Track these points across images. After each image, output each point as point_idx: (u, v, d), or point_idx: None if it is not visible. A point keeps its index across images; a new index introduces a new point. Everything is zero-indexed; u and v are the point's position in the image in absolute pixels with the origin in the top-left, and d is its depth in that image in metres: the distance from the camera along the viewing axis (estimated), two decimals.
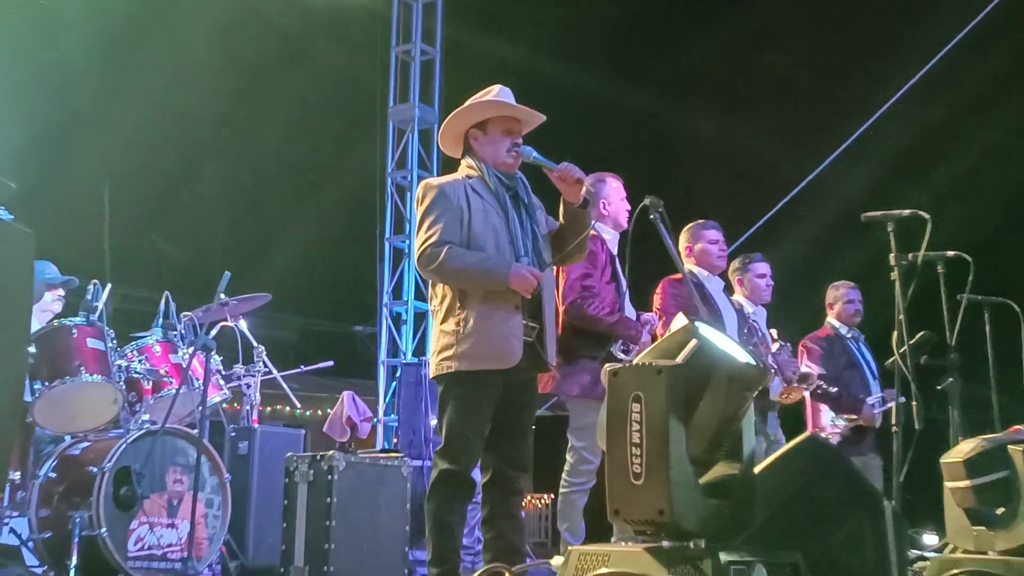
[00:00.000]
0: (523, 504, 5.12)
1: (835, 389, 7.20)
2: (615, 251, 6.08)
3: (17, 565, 4.23)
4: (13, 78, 11.13)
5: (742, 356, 3.33)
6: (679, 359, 3.15)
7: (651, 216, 4.95)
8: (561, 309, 5.79)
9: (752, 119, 12.39)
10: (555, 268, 5.79)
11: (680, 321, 3.36)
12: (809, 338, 7.63)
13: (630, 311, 6.02)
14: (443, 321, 4.71)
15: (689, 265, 6.67)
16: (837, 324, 7.68)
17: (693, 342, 3.20)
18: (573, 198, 4.76)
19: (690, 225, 6.79)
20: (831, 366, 7.48)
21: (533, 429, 4.98)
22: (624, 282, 5.99)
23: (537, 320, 4.73)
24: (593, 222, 5.90)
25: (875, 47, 11.45)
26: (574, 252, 4.96)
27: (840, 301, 7.69)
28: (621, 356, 5.79)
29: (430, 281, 4.85)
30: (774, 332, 6.99)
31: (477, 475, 4.87)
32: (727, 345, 3.33)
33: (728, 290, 6.90)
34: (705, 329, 3.32)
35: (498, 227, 4.71)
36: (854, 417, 7.30)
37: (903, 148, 10.43)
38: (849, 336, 7.66)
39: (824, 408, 7.49)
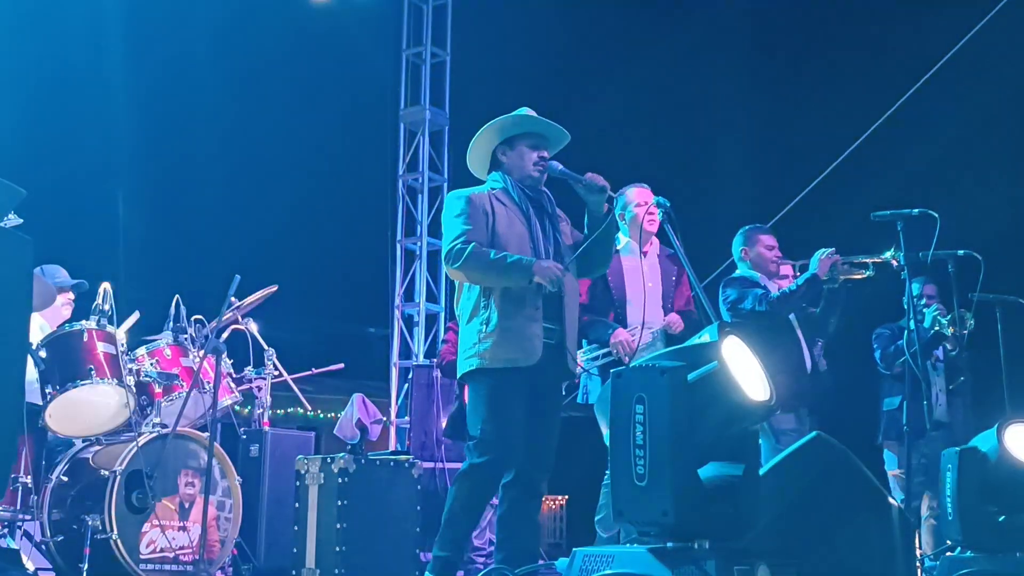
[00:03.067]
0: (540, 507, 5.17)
1: None
2: (640, 255, 6.05)
3: (16, 568, 4.24)
4: (23, 82, 11.18)
5: (756, 391, 3.31)
6: (690, 375, 3.15)
7: (659, 217, 4.98)
8: None
9: (767, 115, 12.36)
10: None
11: (712, 333, 3.34)
12: None
13: (658, 315, 5.96)
14: (468, 321, 4.84)
15: (744, 269, 6.68)
16: None
17: (713, 363, 3.20)
18: (598, 207, 4.88)
19: (745, 228, 6.79)
20: None
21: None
22: (633, 288, 5.96)
23: (558, 323, 4.80)
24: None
25: (888, 42, 11.42)
26: (598, 263, 5.09)
27: None
28: (587, 358, 5.83)
29: (456, 284, 4.93)
30: None
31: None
32: (747, 372, 3.31)
33: None
34: (731, 349, 3.30)
35: (520, 233, 4.86)
36: None
37: (913, 145, 10.41)
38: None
39: None
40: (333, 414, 14.49)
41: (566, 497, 17.82)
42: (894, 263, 6.28)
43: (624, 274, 5.99)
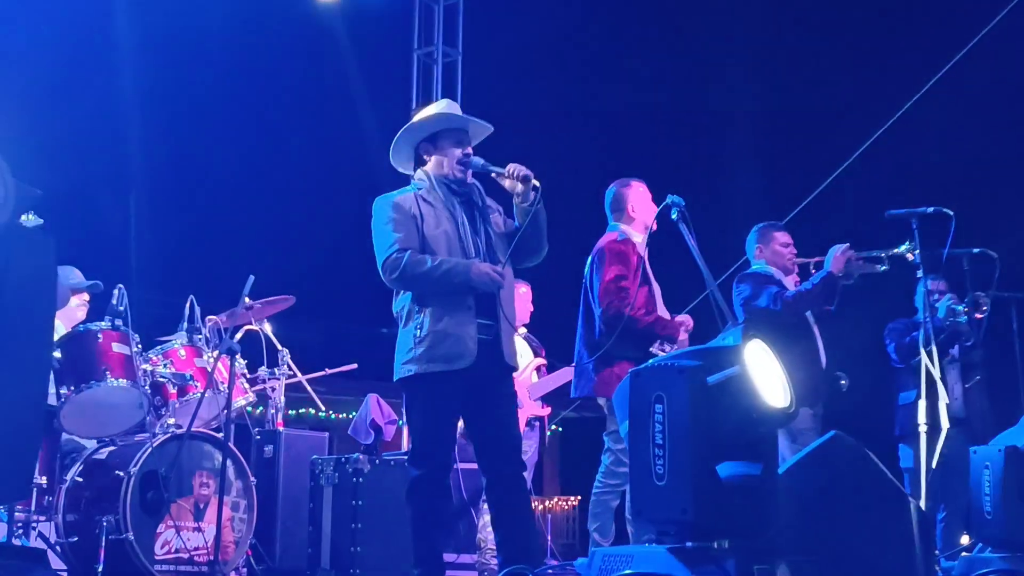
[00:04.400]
0: (531, 500, 5.18)
1: None
2: (645, 254, 6.06)
3: (43, 568, 4.23)
4: (37, 84, 11.21)
5: (776, 397, 3.30)
6: (711, 378, 3.13)
7: (672, 216, 4.97)
8: (597, 312, 5.84)
9: (779, 112, 12.35)
10: (588, 276, 5.92)
11: (736, 336, 3.32)
12: None
13: (663, 312, 6.00)
14: (404, 325, 4.87)
15: (760, 265, 6.65)
16: None
17: (735, 368, 3.18)
18: (523, 199, 4.88)
19: (759, 226, 6.76)
20: None
21: (554, 428, 5.02)
22: (654, 283, 5.98)
23: (494, 319, 4.81)
24: (621, 227, 5.98)
25: (903, 36, 11.39)
26: (530, 253, 5.06)
27: None
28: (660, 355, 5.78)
29: (393, 289, 4.94)
30: None
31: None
32: (768, 377, 3.30)
33: None
34: (753, 354, 3.29)
35: (449, 231, 4.86)
36: None
37: (928, 144, 10.39)
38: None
39: None
40: (344, 414, 14.51)
41: (579, 498, 17.85)
42: (909, 256, 6.23)
43: (648, 268, 6.00)
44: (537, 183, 4.85)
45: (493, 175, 4.92)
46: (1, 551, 4.79)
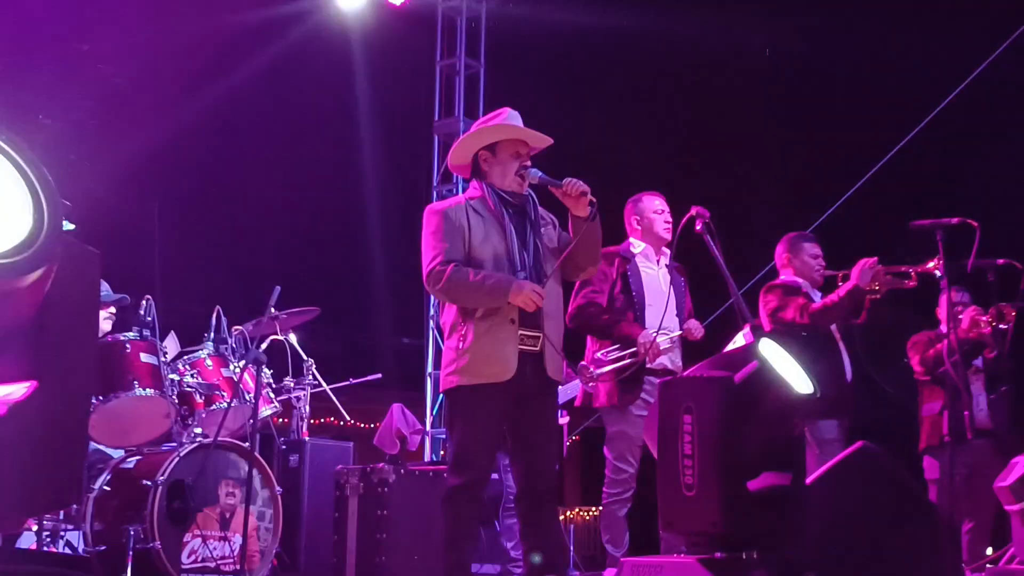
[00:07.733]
0: (559, 515, 5.17)
1: None
2: (655, 262, 6.06)
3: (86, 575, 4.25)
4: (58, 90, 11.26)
5: (799, 383, 3.32)
6: (735, 377, 3.16)
7: (697, 227, 4.97)
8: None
9: (802, 121, 12.33)
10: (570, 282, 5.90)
11: (745, 336, 3.35)
12: None
13: (673, 322, 5.97)
14: (448, 336, 4.88)
15: (788, 275, 6.63)
16: None
17: (753, 363, 3.20)
18: (580, 211, 4.86)
19: (789, 236, 6.74)
20: None
21: (573, 439, 5.03)
22: (651, 292, 5.95)
23: (539, 330, 4.80)
24: (631, 239, 6.01)
25: (928, 50, 11.36)
26: (584, 265, 5.05)
27: None
28: (610, 357, 5.81)
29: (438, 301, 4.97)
30: None
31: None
32: (787, 368, 3.32)
33: None
34: (768, 348, 3.31)
35: (496, 244, 4.85)
36: None
37: (953, 153, 10.36)
38: None
39: None
40: (366, 424, 14.54)
41: (599, 508, 17.84)
42: (937, 272, 6.20)
43: (643, 278, 6.01)
44: (594, 199, 4.85)
45: (550, 188, 4.90)
46: (47, 559, 4.83)
